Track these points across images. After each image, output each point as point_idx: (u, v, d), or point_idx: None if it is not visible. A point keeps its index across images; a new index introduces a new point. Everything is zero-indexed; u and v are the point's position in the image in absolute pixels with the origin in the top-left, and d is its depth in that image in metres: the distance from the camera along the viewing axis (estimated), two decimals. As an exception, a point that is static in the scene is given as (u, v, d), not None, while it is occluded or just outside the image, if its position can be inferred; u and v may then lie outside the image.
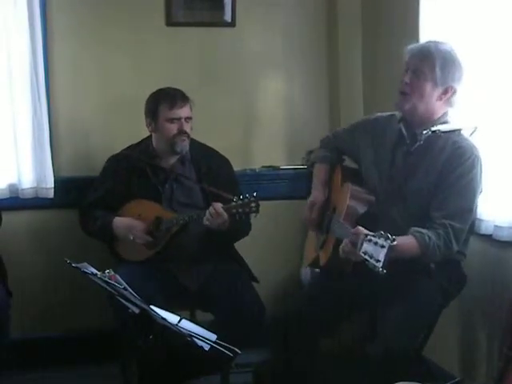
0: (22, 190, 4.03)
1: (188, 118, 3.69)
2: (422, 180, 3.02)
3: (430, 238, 2.87)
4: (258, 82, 4.44)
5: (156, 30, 4.26)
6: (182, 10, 4.27)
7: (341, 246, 2.89)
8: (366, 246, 2.65)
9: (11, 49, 3.96)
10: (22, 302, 3.91)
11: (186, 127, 3.68)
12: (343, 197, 3.14)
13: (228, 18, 4.32)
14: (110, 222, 3.68)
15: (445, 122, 3.05)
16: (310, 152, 4.33)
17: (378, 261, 2.60)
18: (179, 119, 3.66)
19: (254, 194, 3.42)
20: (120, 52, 4.22)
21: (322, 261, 3.20)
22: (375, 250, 2.62)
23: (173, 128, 3.66)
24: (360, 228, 2.77)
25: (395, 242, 2.60)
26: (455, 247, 2.93)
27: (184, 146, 3.69)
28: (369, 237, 2.66)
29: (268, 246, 4.34)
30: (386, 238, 2.61)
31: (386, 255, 2.59)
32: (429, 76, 2.97)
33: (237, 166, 4.03)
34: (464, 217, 2.94)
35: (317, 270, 3.39)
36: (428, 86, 2.99)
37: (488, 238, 3.21)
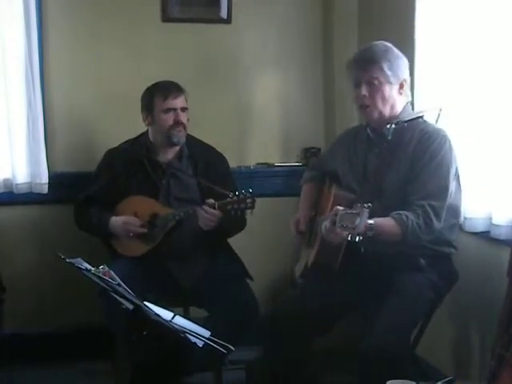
0: (17, 184, 4.02)
1: (184, 109, 3.70)
2: (396, 173, 3.08)
3: (407, 217, 2.93)
4: (253, 78, 4.43)
5: (152, 25, 4.25)
6: (178, 6, 4.27)
7: (322, 226, 2.93)
8: (343, 219, 2.70)
9: (6, 42, 3.95)
10: (14, 297, 3.91)
11: (182, 117, 3.69)
12: (328, 199, 3.17)
13: (224, 14, 4.31)
14: (106, 223, 3.67)
15: (408, 116, 3.13)
16: (306, 150, 4.37)
17: (353, 228, 2.65)
18: (174, 110, 3.67)
19: (250, 190, 3.43)
20: (116, 47, 4.21)
21: (310, 260, 3.21)
22: (351, 219, 2.67)
23: (168, 119, 3.67)
24: (337, 207, 2.81)
25: (369, 209, 2.68)
26: (436, 224, 2.97)
27: (180, 136, 3.70)
28: (345, 211, 2.72)
29: (263, 243, 4.34)
30: (362, 207, 2.68)
31: (361, 220, 2.65)
32: (382, 79, 3.07)
33: (231, 163, 4.02)
34: (440, 194, 3.00)
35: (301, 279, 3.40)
36: (386, 89, 3.09)
37: (484, 235, 3.22)
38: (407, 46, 3.50)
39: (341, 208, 2.77)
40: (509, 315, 2.61)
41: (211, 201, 3.48)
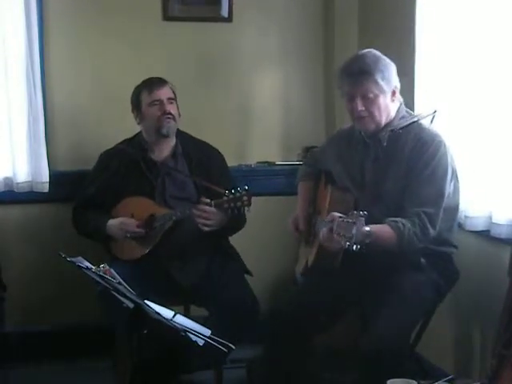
0: (17, 183, 4.02)
1: (170, 99, 3.71)
2: (393, 178, 3.07)
3: (404, 225, 2.93)
4: (254, 77, 4.43)
5: (153, 24, 4.26)
6: (179, 5, 4.27)
7: (320, 234, 2.94)
8: (340, 227, 2.70)
9: (6, 40, 3.95)
10: (15, 295, 3.91)
11: (170, 108, 3.68)
12: (325, 198, 3.17)
13: (225, 13, 4.31)
14: (103, 227, 3.66)
15: (402, 117, 3.13)
16: (306, 148, 4.37)
17: (350, 238, 2.65)
18: (160, 101, 3.68)
19: (246, 187, 3.43)
20: (117, 46, 4.21)
21: (310, 260, 3.21)
22: (347, 227, 2.67)
23: (155, 111, 3.67)
24: (333, 213, 2.82)
25: (365, 217, 2.66)
26: (432, 232, 2.97)
27: (170, 127, 3.69)
28: (341, 218, 2.72)
29: (263, 242, 4.34)
30: (358, 215, 2.67)
31: (358, 230, 2.64)
32: (377, 91, 3.04)
33: (232, 162, 4.02)
34: (436, 202, 2.99)
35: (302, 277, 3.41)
36: (381, 99, 3.06)
37: (484, 234, 3.22)
38: (407, 46, 3.51)
39: (337, 214, 2.77)
40: (509, 314, 2.62)
41: (206, 200, 3.48)
